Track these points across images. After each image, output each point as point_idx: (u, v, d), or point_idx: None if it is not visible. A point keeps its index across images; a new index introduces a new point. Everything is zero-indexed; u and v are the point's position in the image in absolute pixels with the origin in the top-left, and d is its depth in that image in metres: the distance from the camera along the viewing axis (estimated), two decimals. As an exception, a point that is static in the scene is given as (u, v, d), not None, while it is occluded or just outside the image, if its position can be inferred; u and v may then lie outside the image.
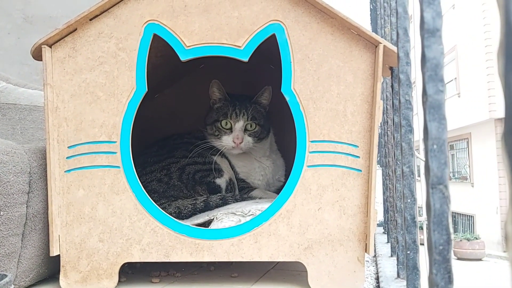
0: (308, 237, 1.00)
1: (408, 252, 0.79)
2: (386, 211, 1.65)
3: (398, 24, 0.86)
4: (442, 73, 0.48)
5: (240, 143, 1.35)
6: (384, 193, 1.74)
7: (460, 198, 10.90)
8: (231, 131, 1.37)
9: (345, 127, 1.01)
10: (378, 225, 1.98)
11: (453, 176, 12.34)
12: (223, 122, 1.38)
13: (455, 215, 11.57)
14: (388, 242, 1.54)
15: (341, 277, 0.99)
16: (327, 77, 1.01)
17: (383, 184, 1.75)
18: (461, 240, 8.33)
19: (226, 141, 1.37)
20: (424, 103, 0.48)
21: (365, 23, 2.05)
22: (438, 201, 0.46)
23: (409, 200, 0.81)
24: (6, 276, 0.86)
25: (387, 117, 1.35)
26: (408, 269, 0.77)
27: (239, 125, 1.37)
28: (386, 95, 1.42)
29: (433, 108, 0.47)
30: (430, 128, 0.47)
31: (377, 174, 1.96)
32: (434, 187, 0.47)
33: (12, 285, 0.87)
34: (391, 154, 1.34)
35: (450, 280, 0.46)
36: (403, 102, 0.83)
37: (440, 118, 0.47)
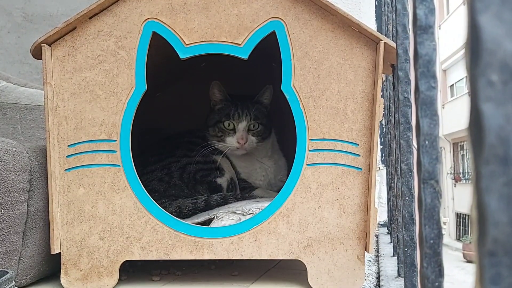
0: (307, 236, 0.99)
1: (406, 249, 0.78)
2: (389, 211, 1.64)
3: (397, 21, 0.85)
4: (434, 69, 0.48)
5: (244, 143, 1.35)
6: (388, 192, 1.72)
7: (470, 200, 10.77)
8: (235, 132, 1.36)
9: (346, 125, 1.00)
10: (382, 225, 1.96)
11: (463, 177, 12.18)
12: (226, 123, 1.37)
13: (465, 217, 11.44)
14: (391, 242, 1.53)
15: (341, 275, 0.98)
16: (327, 75, 1.01)
17: (387, 184, 1.74)
18: (470, 243, 8.60)
19: (230, 142, 1.36)
20: (416, 99, 0.48)
21: (372, 20, 2.04)
22: (429, 195, 0.46)
23: (407, 198, 0.80)
24: (7, 272, 0.87)
25: (389, 115, 1.33)
26: (406, 266, 0.77)
27: (242, 125, 1.36)
28: (389, 93, 1.41)
29: (425, 104, 0.47)
30: (422, 124, 0.47)
31: (382, 173, 1.96)
32: (425, 182, 0.46)
33: (13, 281, 0.88)
34: (393, 153, 1.33)
35: (440, 274, 0.46)
36: (402, 99, 0.83)
37: (432, 114, 0.47)
